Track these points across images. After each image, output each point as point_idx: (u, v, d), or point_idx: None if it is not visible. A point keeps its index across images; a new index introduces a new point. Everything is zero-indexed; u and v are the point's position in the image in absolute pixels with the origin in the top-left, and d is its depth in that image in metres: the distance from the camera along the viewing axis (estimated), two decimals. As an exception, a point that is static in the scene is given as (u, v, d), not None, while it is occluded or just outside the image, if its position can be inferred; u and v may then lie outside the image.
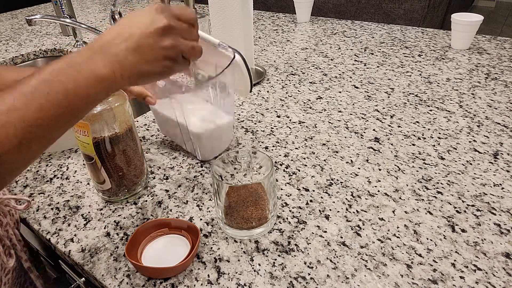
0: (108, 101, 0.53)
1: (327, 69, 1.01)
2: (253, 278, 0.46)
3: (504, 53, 1.05)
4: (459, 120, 0.76)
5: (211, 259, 0.49)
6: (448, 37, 1.18)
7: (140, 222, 0.55)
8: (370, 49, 1.13)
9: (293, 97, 0.88)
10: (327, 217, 0.54)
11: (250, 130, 0.76)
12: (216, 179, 0.48)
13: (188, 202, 0.58)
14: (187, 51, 0.42)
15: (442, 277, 0.45)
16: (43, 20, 1.09)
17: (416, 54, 1.08)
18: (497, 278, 0.44)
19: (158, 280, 0.46)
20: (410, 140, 0.70)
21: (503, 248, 0.48)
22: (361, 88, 0.91)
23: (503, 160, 0.64)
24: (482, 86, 0.89)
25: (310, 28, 1.35)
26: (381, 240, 0.50)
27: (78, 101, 0.36)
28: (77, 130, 0.54)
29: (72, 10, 1.30)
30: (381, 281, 0.45)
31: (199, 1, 1.74)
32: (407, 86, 0.90)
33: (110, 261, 0.49)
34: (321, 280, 0.45)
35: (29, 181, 0.65)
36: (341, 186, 0.60)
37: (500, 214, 0.53)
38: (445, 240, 0.50)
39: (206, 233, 0.53)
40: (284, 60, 1.09)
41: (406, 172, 0.62)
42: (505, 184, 0.59)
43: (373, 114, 0.79)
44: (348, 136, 0.72)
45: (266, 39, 1.26)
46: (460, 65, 1.00)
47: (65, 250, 0.52)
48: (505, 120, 0.75)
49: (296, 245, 0.50)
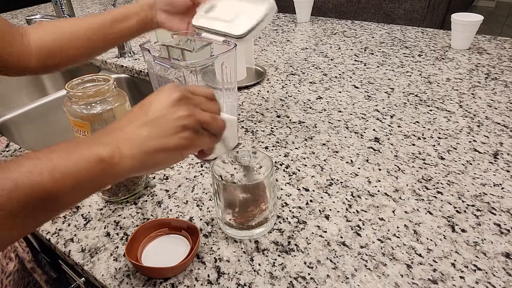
0: (108, 101, 0.53)
1: (327, 69, 1.01)
2: (253, 278, 0.46)
3: (504, 53, 1.05)
4: (459, 120, 0.76)
5: (211, 259, 0.49)
6: (448, 37, 1.18)
7: (140, 222, 0.55)
8: (370, 49, 1.13)
9: (293, 97, 0.88)
10: (327, 217, 0.54)
11: (250, 130, 0.76)
12: (216, 179, 0.48)
13: (188, 202, 0.58)
14: (207, 121, 0.37)
15: (442, 277, 0.45)
16: (43, 20, 1.09)
17: (416, 54, 1.08)
18: (497, 278, 0.44)
19: (158, 280, 0.46)
20: (410, 140, 0.70)
21: (503, 248, 0.48)
22: (361, 88, 0.91)
23: (503, 160, 0.64)
24: (482, 86, 0.89)
25: (310, 28, 1.35)
26: (381, 240, 0.50)
27: (63, 187, 0.31)
28: (77, 130, 0.54)
29: (72, 10, 1.30)
30: (381, 281, 0.45)
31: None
32: (407, 86, 0.90)
33: (110, 261, 0.49)
34: (321, 280, 0.45)
35: (29, 181, 0.65)
36: (341, 186, 0.60)
37: (500, 214, 0.53)
38: (445, 240, 0.50)
39: (206, 233, 0.53)
40: (284, 60, 1.09)
41: (406, 172, 0.62)
42: (505, 184, 0.59)
43: (373, 114, 0.79)
44: (348, 136, 0.72)
45: (266, 39, 1.26)
46: (460, 65, 1.00)
47: (65, 250, 0.51)
48: (505, 120, 0.75)
49: (296, 245, 0.50)
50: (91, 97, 0.52)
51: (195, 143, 0.37)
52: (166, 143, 0.35)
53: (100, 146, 0.33)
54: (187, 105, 0.36)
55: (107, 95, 0.53)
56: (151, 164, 0.36)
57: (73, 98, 0.52)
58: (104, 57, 1.20)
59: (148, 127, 0.34)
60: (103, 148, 0.33)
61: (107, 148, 0.33)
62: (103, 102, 0.53)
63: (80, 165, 0.31)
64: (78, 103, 0.52)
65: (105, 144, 0.33)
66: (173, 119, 0.35)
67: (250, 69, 1.00)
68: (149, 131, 0.34)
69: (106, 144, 0.33)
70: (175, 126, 0.35)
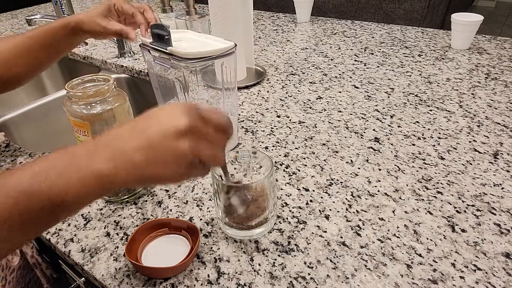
0: (108, 101, 0.53)
1: (327, 69, 1.01)
2: (253, 278, 0.46)
3: (504, 53, 1.05)
4: (459, 120, 0.76)
5: (211, 259, 0.49)
6: (448, 37, 1.18)
7: (140, 222, 0.55)
8: (370, 49, 1.13)
9: (293, 97, 0.88)
10: (327, 217, 0.54)
11: (250, 130, 0.76)
12: (216, 179, 0.48)
13: (188, 202, 0.58)
14: (207, 158, 0.36)
15: (442, 277, 0.45)
16: (43, 20, 1.09)
17: (416, 54, 1.08)
18: (497, 278, 0.44)
19: (158, 280, 0.46)
20: (410, 140, 0.70)
21: (503, 248, 0.48)
22: (361, 88, 0.91)
23: (503, 160, 0.64)
24: (482, 86, 0.89)
25: (310, 28, 1.35)
26: (381, 240, 0.50)
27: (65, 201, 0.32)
28: (77, 130, 0.54)
29: (72, 10, 1.30)
30: (381, 281, 0.45)
31: (199, 1, 1.74)
32: (407, 86, 0.90)
33: (110, 261, 0.49)
34: (321, 280, 0.45)
35: (29, 181, 0.65)
36: (341, 186, 0.60)
37: (500, 214, 0.53)
38: (445, 240, 0.50)
39: (206, 233, 0.53)
40: (284, 60, 1.09)
41: (406, 172, 0.62)
42: (505, 184, 0.59)
43: (373, 114, 0.79)
44: (348, 136, 0.72)
45: (266, 39, 1.26)
46: (460, 65, 1.00)
47: (65, 250, 0.52)
48: (505, 120, 0.75)
49: (296, 245, 0.50)
50: (91, 97, 0.52)
51: (189, 175, 0.37)
52: (161, 173, 0.35)
53: (101, 163, 0.33)
54: (192, 138, 0.34)
55: (107, 95, 0.53)
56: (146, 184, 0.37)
57: (73, 98, 0.52)
58: (104, 57, 1.20)
59: (147, 153, 0.34)
60: (103, 165, 0.33)
61: (106, 165, 0.33)
62: (103, 102, 0.53)
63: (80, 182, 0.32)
64: (78, 103, 0.52)
65: (104, 161, 0.33)
66: (173, 151, 0.34)
67: (250, 69, 1.00)
68: (147, 158, 0.34)
69: (105, 162, 0.33)
70: (172, 160, 0.34)
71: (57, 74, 1.39)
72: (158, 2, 1.81)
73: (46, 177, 0.32)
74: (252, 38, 0.95)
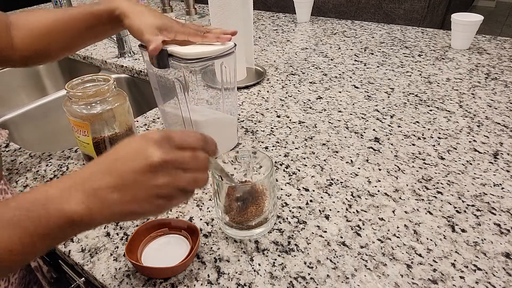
0: (108, 101, 0.53)
1: (327, 69, 1.01)
2: (253, 278, 0.46)
3: (504, 53, 1.05)
4: (459, 120, 0.76)
5: (211, 259, 0.49)
6: (448, 37, 1.18)
7: (140, 222, 0.55)
8: (370, 49, 1.13)
9: (293, 97, 0.88)
10: (327, 217, 0.54)
11: (250, 130, 0.76)
12: (216, 179, 0.48)
13: (188, 202, 0.58)
14: (187, 185, 0.35)
15: (442, 277, 0.45)
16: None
17: (416, 54, 1.08)
18: (497, 278, 0.44)
19: (158, 280, 0.46)
20: (410, 140, 0.70)
21: (503, 248, 0.48)
22: (361, 88, 0.91)
23: (503, 160, 0.64)
24: (482, 86, 0.89)
25: (310, 28, 1.35)
26: (381, 240, 0.50)
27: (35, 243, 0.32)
28: (77, 130, 0.54)
29: (72, 10, 1.29)
30: (381, 281, 0.45)
31: (199, 1, 1.74)
32: (407, 86, 0.90)
33: (110, 261, 0.49)
34: (321, 280, 0.45)
35: (29, 181, 0.65)
36: (341, 186, 0.60)
37: (500, 214, 0.53)
38: (445, 240, 0.50)
39: (206, 233, 0.53)
40: (284, 60, 1.09)
41: (406, 172, 0.62)
42: (505, 184, 0.59)
43: (373, 114, 0.79)
44: (348, 136, 0.72)
45: (266, 39, 1.26)
46: (460, 65, 1.00)
47: (65, 250, 0.52)
48: (505, 120, 0.75)
49: (296, 245, 0.50)
50: (91, 97, 0.52)
51: (168, 207, 0.36)
52: (137, 209, 0.34)
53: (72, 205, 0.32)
54: (166, 172, 0.33)
55: (107, 95, 0.53)
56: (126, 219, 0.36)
57: (73, 98, 0.52)
58: (104, 57, 1.20)
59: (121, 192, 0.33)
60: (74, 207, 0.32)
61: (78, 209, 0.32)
62: (103, 102, 0.53)
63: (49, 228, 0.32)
64: (78, 103, 0.52)
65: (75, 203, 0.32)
66: (147, 187, 0.33)
67: (250, 69, 1.00)
68: (122, 197, 0.33)
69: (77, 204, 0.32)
70: (149, 195, 0.33)
71: (57, 74, 1.39)
72: (158, 2, 1.81)
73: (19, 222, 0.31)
74: (252, 38, 0.95)
